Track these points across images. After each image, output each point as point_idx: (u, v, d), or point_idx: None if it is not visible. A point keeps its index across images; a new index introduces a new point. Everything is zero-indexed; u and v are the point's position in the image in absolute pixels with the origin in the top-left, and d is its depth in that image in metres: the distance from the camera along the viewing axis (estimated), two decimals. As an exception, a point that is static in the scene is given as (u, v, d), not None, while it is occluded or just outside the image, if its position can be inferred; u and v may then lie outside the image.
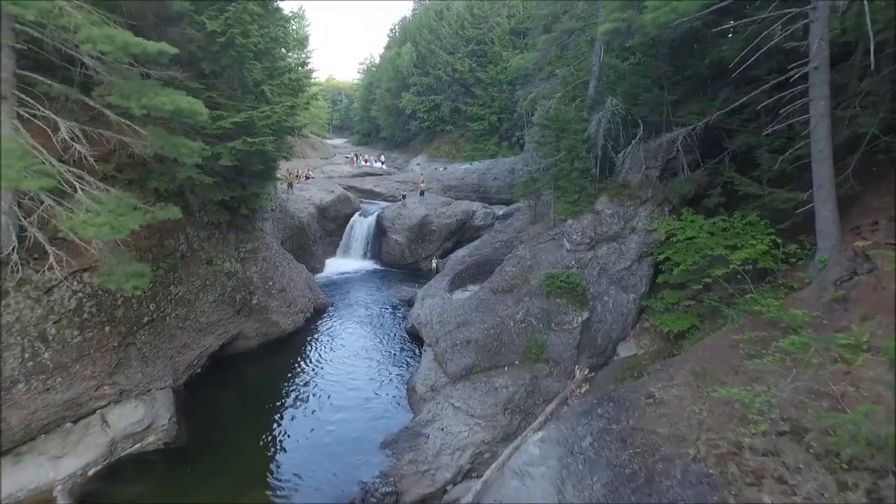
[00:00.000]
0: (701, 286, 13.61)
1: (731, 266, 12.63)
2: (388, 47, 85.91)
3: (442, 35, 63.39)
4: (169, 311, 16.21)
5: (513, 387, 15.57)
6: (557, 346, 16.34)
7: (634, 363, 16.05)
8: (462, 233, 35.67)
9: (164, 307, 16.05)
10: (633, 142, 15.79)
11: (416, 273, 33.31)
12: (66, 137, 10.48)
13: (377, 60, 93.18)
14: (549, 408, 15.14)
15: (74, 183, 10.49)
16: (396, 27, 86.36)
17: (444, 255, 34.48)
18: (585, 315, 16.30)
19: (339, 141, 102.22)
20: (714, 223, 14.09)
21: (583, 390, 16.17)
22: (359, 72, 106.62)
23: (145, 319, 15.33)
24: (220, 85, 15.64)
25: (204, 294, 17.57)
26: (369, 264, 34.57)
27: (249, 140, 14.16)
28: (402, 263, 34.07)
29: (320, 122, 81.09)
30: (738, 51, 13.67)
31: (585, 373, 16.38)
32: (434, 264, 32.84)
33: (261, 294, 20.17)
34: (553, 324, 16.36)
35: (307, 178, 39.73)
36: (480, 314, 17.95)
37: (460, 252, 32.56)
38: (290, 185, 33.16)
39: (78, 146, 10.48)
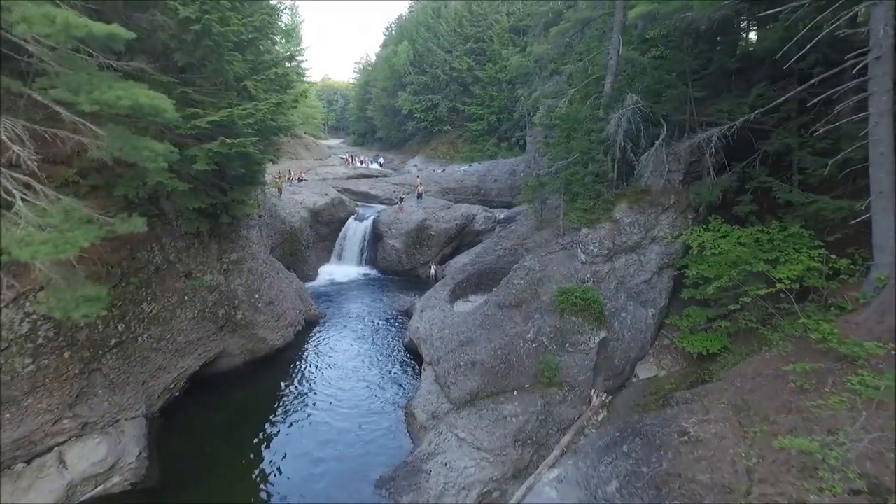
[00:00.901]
0: (738, 306, 12.08)
1: (779, 284, 11.10)
2: (384, 46, 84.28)
3: (439, 33, 61.84)
4: (141, 331, 14.57)
5: (523, 415, 14.02)
6: (572, 368, 14.80)
7: (657, 387, 14.54)
8: (462, 238, 34.12)
9: (136, 327, 14.41)
10: (657, 143, 14.28)
11: (413, 280, 31.73)
12: (4, 138, 8.85)
13: (373, 59, 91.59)
14: (565, 439, 13.60)
15: (14, 192, 8.86)
16: (393, 25, 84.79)
17: (443, 261, 32.95)
18: (603, 334, 14.77)
19: (334, 141, 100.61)
20: (752, 234, 12.54)
21: (600, 417, 14.64)
22: (354, 71, 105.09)
23: (113, 342, 13.69)
24: (198, 80, 14.05)
25: (182, 311, 15.94)
26: (365, 271, 32.94)
27: (229, 141, 12.57)
28: (399, 270, 32.48)
29: (315, 122, 79.36)
30: (777, 41, 12.16)
31: (603, 398, 14.85)
32: (433, 271, 31.30)
33: (246, 308, 18.54)
34: (567, 344, 14.82)
35: (300, 180, 38.10)
36: (486, 332, 16.40)
37: (461, 259, 31.06)
38: (280, 191, 31.47)
39: (16, 148, 8.85)
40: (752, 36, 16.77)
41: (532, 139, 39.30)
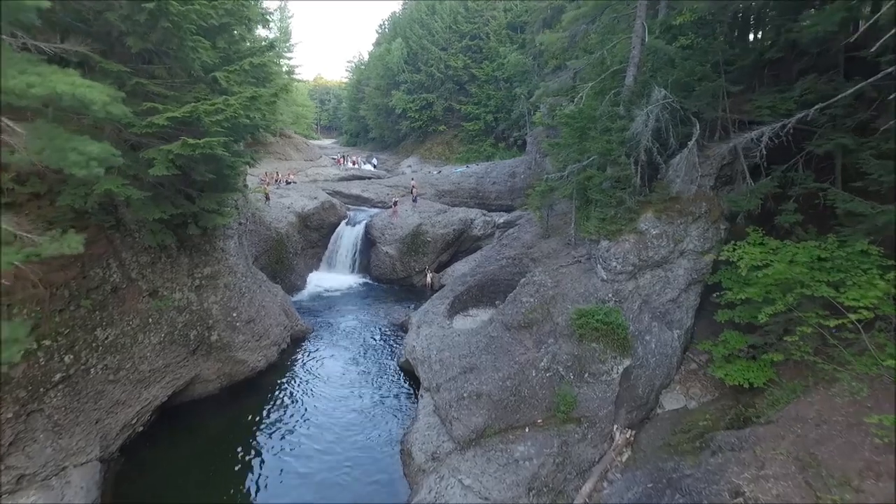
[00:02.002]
0: (797, 336, 10.25)
1: (853, 315, 9.28)
2: (377, 44, 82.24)
3: (434, 30, 59.87)
4: (94, 361, 12.57)
5: (538, 457, 12.16)
6: (592, 401, 12.96)
7: (689, 423, 12.70)
8: (459, 244, 32.28)
9: (87, 357, 12.40)
10: (690, 143, 12.45)
11: (409, 289, 29.84)
12: None
13: (366, 58, 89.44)
14: (587, 488, 11.73)
15: None
16: (386, 22, 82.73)
17: (440, 268, 31.08)
18: (627, 363, 12.95)
19: (327, 142, 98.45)
20: (808, 251, 10.69)
21: (624, 458, 12.80)
22: (347, 70, 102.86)
23: (58, 377, 11.68)
24: (157, 70, 12.06)
25: (145, 335, 13.95)
26: (357, 279, 30.99)
27: (191, 142, 10.60)
28: (393, 278, 30.56)
29: (306, 121, 77.20)
30: (834, 24, 10.36)
31: (627, 435, 13.02)
32: (429, 279, 29.40)
33: (222, 328, 16.54)
34: (586, 374, 12.97)
35: (288, 182, 36.05)
36: (492, 357, 14.53)
37: (459, 267, 29.18)
38: (268, 197, 29.45)
39: None
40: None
41: (532, 139, 37.57)
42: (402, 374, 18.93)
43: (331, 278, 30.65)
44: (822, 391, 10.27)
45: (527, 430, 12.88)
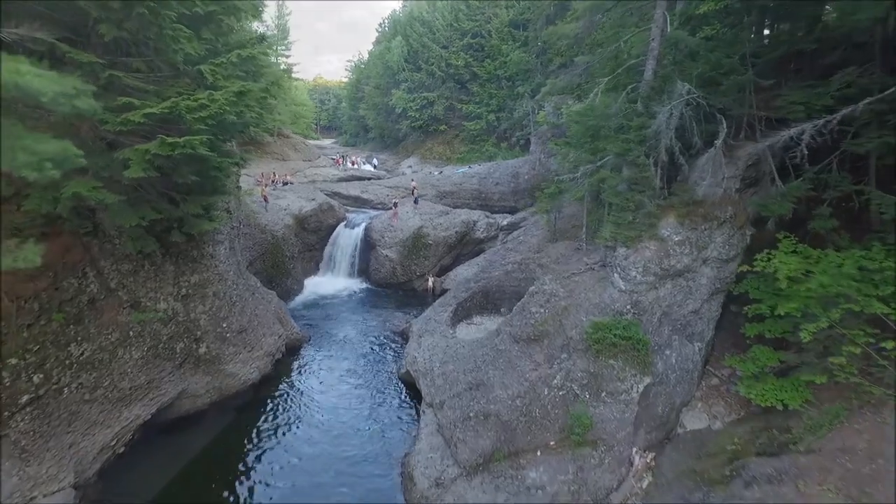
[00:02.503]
0: (844, 357, 9.23)
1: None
2: (377, 42, 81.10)
3: (435, 28, 58.82)
4: (67, 380, 11.55)
5: (551, 484, 11.16)
6: (609, 422, 11.93)
7: (717, 447, 11.65)
8: (462, 247, 31.21)
9: (59, 376, 11.39)
10: (717, 142, 11.43)
11: (409, 294, 28.79)
12: None
13: (366, 57, 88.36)
14: (606, 520, 10.73)
15: None
16: (386, 21, 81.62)
17: (442, 272, 30.04)
18: (647, 381, 11.92)
19: (326, 142, 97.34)
20: (854, 261, 9.66)
21: (644, 484, 11.77)
22: (347, 69, 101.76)
23: (25, 399, 10.67)
24: (136, 62, 11.04)
25: (125, 350, 12.94)
26: (356, 283, 29.92)
27: (170, 140, 9.58)
28: (393, 282, 29.51)
29: (305, 121, 76.13)
30: (883, 9, 9.35)
31: (647, 459, 12.00)
32: (430, 283, 28.36)
33: (211, 340, 15.55)
34: (604, 393, 11.95)
35: (285, 183, 35.03)
36: (500, 372, 13.51)
37: (462, 272, 28.16)
38: (266, 199, 28.44)
39: None
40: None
41: (536, 139, 36.56)
42: (402, 387, 17.91)
43: (329, 283, 29.61)
44: (870, 417, 9.27)
45: (539, 453, 11.87)
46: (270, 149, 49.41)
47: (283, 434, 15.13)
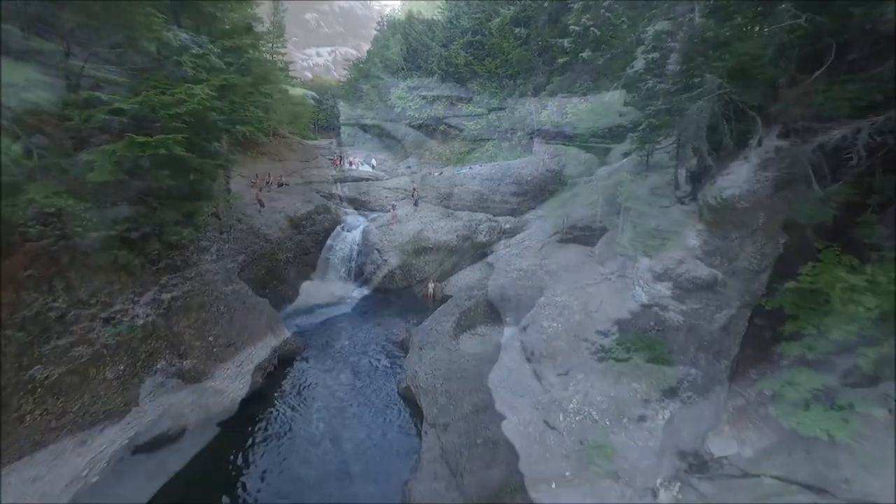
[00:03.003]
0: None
1: None
2: (375, 41, 79.90)
3: (435, 25, 57.69)
4: (30, 406, 10.42)
5: (569, 524, 10.04)
6: (631, 451, 10.81)
7: (755, 483, 10.53)
8: (463, 251, 30.08)
9: (21, 402, 10.25)
10: (752, 142, 10.34)
11: (409, 300, 27.61)
12: None
13: (364, 56, 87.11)
14: (631, 565, 9.61)
15: None
16: (385, 19, 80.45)
17: (443, 277, 28.91)
18: (674, 406, 10.80)
19: (324, 142, 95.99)
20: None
21: (671, 521, 10.66)
22: (345, 69, 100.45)
23: (-21, 430, 9.53)
24: (103, 52, 9.87)
25: (97, 370, 11.80)
26: (353, 289, 28.76)
27: (140, 140, 8.42)
28: (392, 288, 28.37)
29: (302, 121, 74.84)
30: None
31: (674, 492, 10.88)
32: (431, 289, 27.21)
33: (196, 354, 14.42)
34: (625, 419, 10.84)
35: (280, 185, 33.85)
36: (509, 393, 12.40)
37: (464, 277, 27.06)
38: (261, 203, 27.28)
39: None
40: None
41: (540, 139, 35.50)
42: (402, 402, 16.75)
43: (325, 288, 28.42)
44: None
45: (553, 485, 10.74)
46: (266, 149, 48.13)
47: (274, 457, 14.00)
